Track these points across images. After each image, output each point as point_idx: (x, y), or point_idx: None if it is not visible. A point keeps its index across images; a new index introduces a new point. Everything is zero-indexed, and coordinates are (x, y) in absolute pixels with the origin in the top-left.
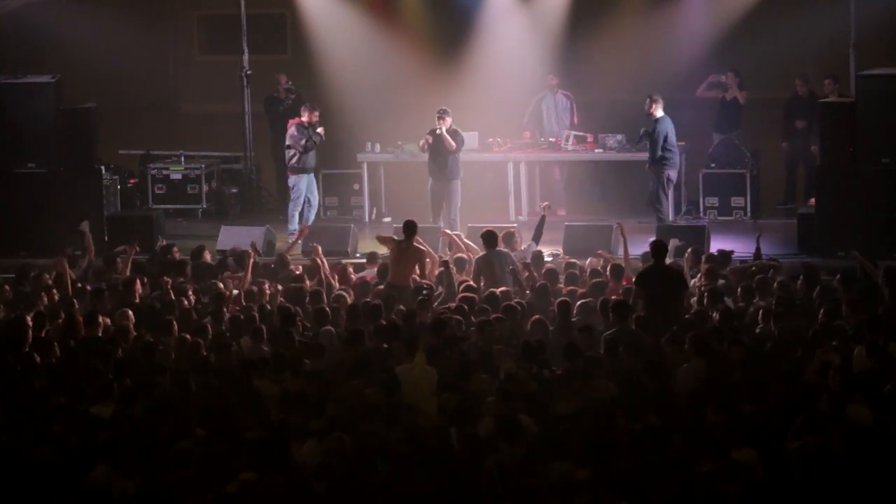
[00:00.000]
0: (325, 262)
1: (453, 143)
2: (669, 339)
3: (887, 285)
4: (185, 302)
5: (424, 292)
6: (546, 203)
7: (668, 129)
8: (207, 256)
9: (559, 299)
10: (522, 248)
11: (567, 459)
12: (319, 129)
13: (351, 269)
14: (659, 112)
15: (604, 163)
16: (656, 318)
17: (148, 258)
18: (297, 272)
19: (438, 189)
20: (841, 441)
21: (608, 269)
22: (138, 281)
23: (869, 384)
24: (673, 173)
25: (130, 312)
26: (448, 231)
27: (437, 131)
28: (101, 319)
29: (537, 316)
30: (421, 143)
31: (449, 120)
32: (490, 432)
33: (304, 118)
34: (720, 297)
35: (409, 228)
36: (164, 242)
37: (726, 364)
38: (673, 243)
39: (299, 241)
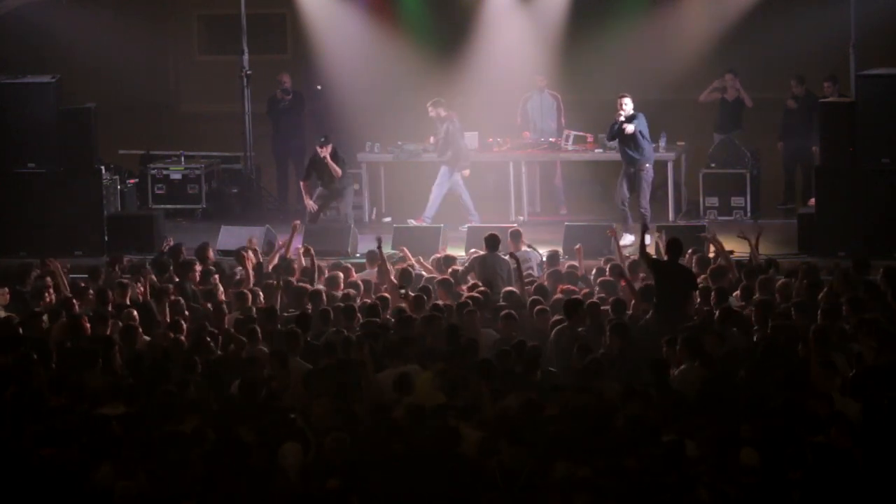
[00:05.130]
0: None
1: (338, 170)
2: (667, 340)
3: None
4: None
5: (402, 291)
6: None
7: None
8: (211, 255)
9: (566, 299)
10: (523, 248)
11: (567, 459)
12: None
13: (353, 271)
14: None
15: (604, 163)
16: (662, 314)
17: (153, 259)
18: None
19: (328, 195)
20: (841, 440)
21: (608, 269)
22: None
23: (867, 384)
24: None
25: (135, 312)
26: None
27: (322, 156)
28: (110, 320)
29: (558, 317)
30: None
31: (330, 146)
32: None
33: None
34: (725, 296)
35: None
36: (172, 242)
37: (724, 364)
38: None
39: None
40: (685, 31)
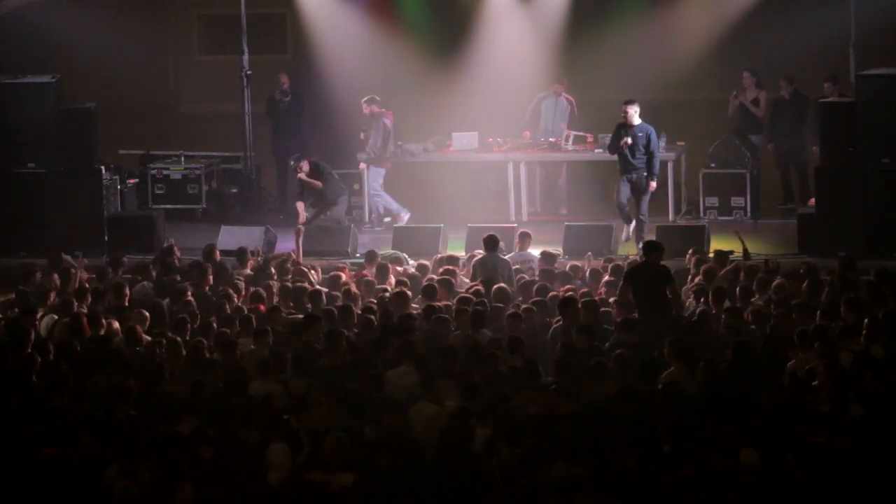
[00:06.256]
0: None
1: (317, 183)
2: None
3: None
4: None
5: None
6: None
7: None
8: (218, 255)
9: (561, 297)
10: (528, 249)
11: (567, 459)
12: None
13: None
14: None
15: (604, 163)
16: (643, 309)
17: (155, 259)
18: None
19: (318, 208)
20: (841, 440)
21: (608, 269)
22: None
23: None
24: None
25: (147, 313)
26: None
27: (299, 176)
28: (105, 321)
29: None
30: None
31: (304, 164)
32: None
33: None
34: (723, 297)
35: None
36: (173, 243)
37: (719, 366)
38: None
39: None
40: (685, 31)
